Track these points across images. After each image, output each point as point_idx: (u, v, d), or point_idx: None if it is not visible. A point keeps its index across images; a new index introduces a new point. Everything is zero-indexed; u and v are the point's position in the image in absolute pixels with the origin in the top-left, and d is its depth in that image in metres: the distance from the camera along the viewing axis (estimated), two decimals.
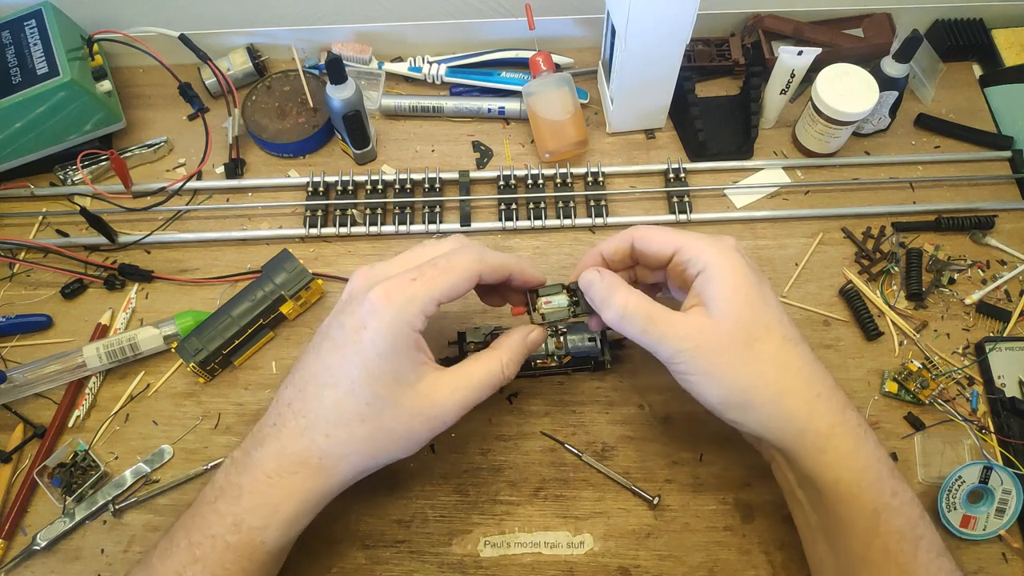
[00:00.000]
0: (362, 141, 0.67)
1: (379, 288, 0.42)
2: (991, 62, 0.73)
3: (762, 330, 0.43)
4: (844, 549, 0.43)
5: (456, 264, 0.44)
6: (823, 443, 0.43)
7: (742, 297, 0.43)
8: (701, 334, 0.43)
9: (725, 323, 0.43)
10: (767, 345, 0.43)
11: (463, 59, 0.73)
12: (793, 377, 0.43)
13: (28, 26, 0.65)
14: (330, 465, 0.43)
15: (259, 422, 0.45)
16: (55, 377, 0.57)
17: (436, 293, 0.43)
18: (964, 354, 0.60)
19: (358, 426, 0.42)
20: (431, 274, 0.43)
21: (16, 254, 0.64)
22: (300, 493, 0.43)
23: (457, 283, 0.44)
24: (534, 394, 0.58)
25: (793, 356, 0.44)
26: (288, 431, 0.43)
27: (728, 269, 0.44)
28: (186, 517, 0.44)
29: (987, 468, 0.52)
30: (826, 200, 0.67)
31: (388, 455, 0.44)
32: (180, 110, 0.72)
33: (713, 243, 0.45)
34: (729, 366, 0.43)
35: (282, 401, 0.44)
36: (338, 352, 0.42)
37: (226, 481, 0.43)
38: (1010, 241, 0.65)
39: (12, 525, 0.53)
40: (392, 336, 0.41)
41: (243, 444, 0.45)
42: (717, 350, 0.43)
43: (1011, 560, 0.53)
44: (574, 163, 0.69)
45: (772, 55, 0.70)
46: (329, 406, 0.42)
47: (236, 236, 0.65)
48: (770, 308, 0.44)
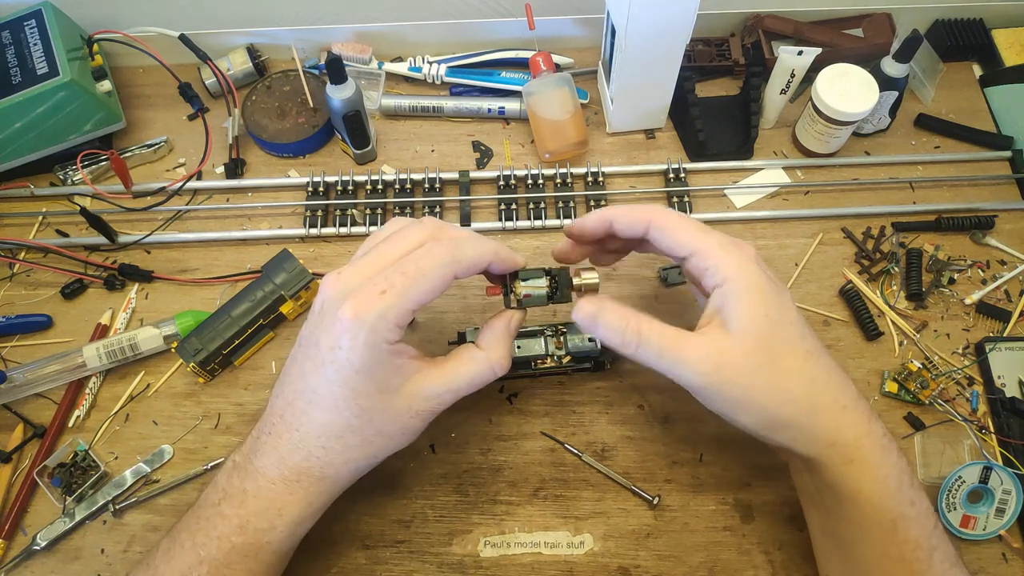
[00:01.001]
0: (362, 141, 0.67)
1: (348, 306, 0.40)
2: (991, 62, 0.73)
3: (785, 347, 0.42)
4: (859, 556, 0.43)
5: (426, 268, 0.41)
6: (851, 454, 0.42)
7: (763, 315, 0.42)
8: (721, 355, 0.41)
9: (747, 343, 0.41)
10: (792, 362, 0.42)
11: (463, 59, 0.73)
12: (821, 392, 0.42)
13: (28, 26, 0.65)
14: (331, 473, 0.43)
15: (257, 426, 0.45)
16: (55, 377, 0.57)
17: (408, 303, 0.41)
18: (964, 354, 0.60)
19: (351, 436, 0.42)
20: (400, 284, 0.41)
21: (16, 254, 0.64)
22: (305, 498, 0.43)
23: (429, 290, 0.42)
24: (534, 394, 0.58)
25: (819, 370, 0.43)
26: (284, 443, 0.43)
27: (749, 286, 0.42)
28: (189, 519, 0.44)
29: (987, 468, 0.52)
30: (826, 200, 0.67)
31: (387, 451, 0.44)
32: (180, 110, 0.72)
33: (733, 254, 0.43)
34: (756, 388, 0.42)
35: (275, 411, 0.44)
36: (318, 372, 0.41)
37: (229, 485, 0.43)
38: (1010, 241, 0.65)
39: (12, 525, 0.53)
40: (368, 352, 0.40)
41: (243, 448, 0.45)
42: (741, 373, 0.41)
43: (1011, 560, 0.53)
44: (574, 163, 0.69)
45: (772, 55, 0.70)
46: (319, 423, 0.42)
47: (236, 236, 0.65)
48: (792, 323, 0.43)
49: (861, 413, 0.43)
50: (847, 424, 0.42)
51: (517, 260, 0.46)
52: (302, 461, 0.42)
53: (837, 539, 0.45)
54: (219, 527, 0.42)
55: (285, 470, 0.43)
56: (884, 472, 0.42)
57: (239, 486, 0.43)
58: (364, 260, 0.43)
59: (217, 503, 0.43)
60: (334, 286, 0.42)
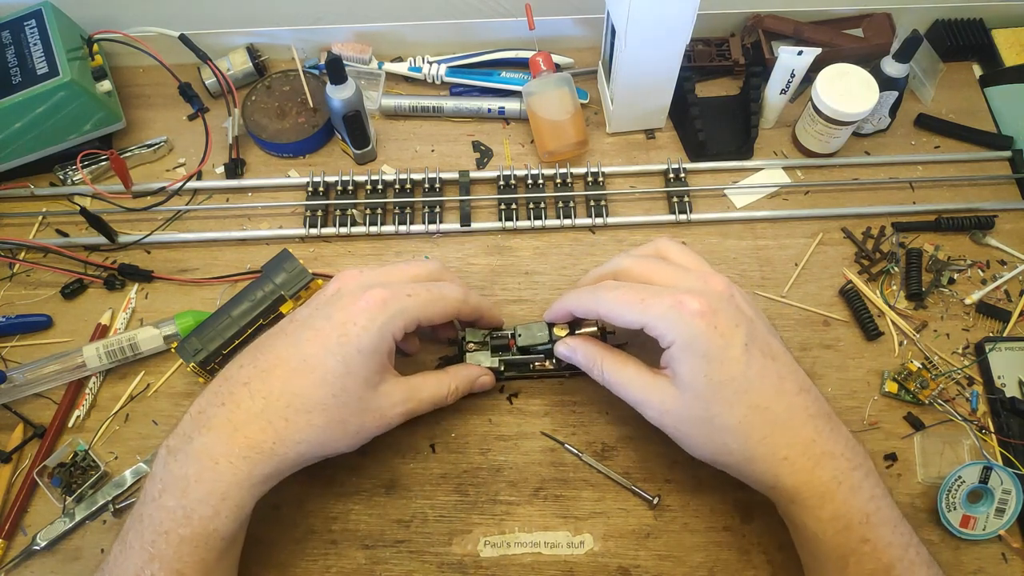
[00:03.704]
0: (362, 141, 0.67)
1: (377, 291, 0.45)
2: (991, 62, 0.73)
3: (722, 406, 0.44)
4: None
5: (446, 296, 0.49)
6: (791, 496, 0.45)
7: (702, 376, 0.44)
8: (670, 403, 0.46)
9: (687, 397, 0.45)
10: (727, 419, 0.44)
11: (463, 59, 0.73)
12: (756, 446, 0.45)
13: (28, 26, 0.65)
14: (281, 451, 0.43)
15: (197, 403, 0.45)
16: (55, 377, 0.57)
17: (423, 315, 0.47)
18: (964, 354, 0.60)
19: (318, 414, 0.43)
20: (424, 297, 0.47)
21: (16, 254, 0.64)
22: (248, 479, 0.43)
23: (441, 312, 0.48)
24: (534, 394, 0.58)
25: (757, 424, 0.44)
26: (242, 412, 0.43)
27: (693, 348, 0.43)
28: (133, 518, 0.43)
29: (987, 468, 0.52)
30: (826, 200, 0.67)
31: (335, 447, 0.46)
32: (180, 110, 0.72)
33: (677, 319, 0.43)
34: (694, 437, 0.46)
35: (236, 381, 0.44)
36: (320, 341, 0.44)
37: (167, 473, 0.43)
38: (1010, 241, 0.65)
39: (12, 525, 0.53)
40: (378, 338, 0.44)
41: (178, 429, 0.44)
42: (684, 421, 0.46)
43: (1011, 560, 0.53)
44: (574, 163, 0.69)
45: (772, 55, 0.70)
46: (295, 391, 0.43)
47: (236, 236, 0.65)
48: (733, 380, 0.44)
49: (805, 462, 0.44)
50: (785, 473, 0.44)
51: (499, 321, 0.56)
52: (257, 432, 0.43)
53: (803, 561, 0.48)
54: (164, 521, 0.42)
55: (235, 444, 0.42)
56: (827, 514, 0.44)
57: (179, 472, 0.42)
58: (383, 269, 0.50)
59: (158, 496, 0.43)
60: (356, 278, 0.48)
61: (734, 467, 0.46)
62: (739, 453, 0.45)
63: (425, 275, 0.50)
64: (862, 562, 0.43)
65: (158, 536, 0.42)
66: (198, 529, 0.42)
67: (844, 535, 0.43)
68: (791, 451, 0.44)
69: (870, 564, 0.43)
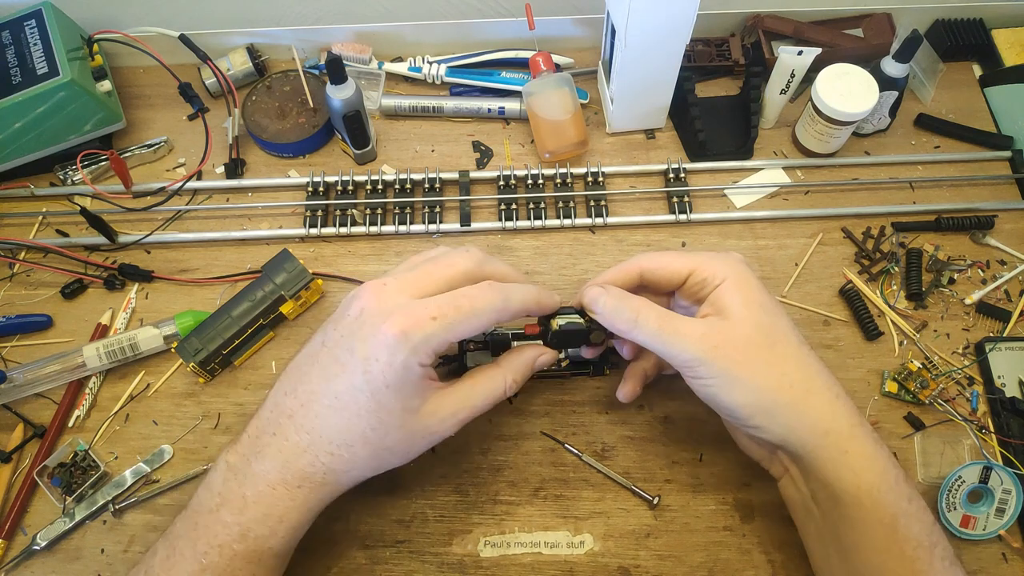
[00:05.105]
0: (362, 141, 0.67)
1: (396, 321, 0.41)
2: (991, 62, 0.73)
3: (780, 334, 0.45)
4: (860, 559, 0.43)
5: (479, 309, 0.43)
6: (846, 444, 0.43)
7: (758, 304, 0.45)
8: (720, 334, 0.43)
9: (746, 326, 0.44)
10: (787, 347, 0.44)
11: (463, 59, 0.73)
12: (815, 377, 0.44)
13: (28, 26, 0.65)
14: (333, 480, 0.43)
15: (255, 424, 0.44)
16: (55, 377, 0.57)
17: (452, 336, 0.42)
18: (964, 354, 0.60)
19: (361, 447, 0.42)
20: (452, 317, 0.41)
21: (16, 254, 0.64)
22: (305, 503, 0.43)
23: (475, 328, 0.43)
24: (534, 394, 0.58)
25: (811, 359, 0.45)
26: (290, 445, 0.43)
27: (744, 281, 0.46)
28: (186, 525, 0.43)
29: (987, 468, 0.52)
30: (826, 200, 0.67)
31: (389, 466, 0.45)
32: (180, 110, 0.72)
33: (725, 259, 0.47)
34: (752, 367, 0.43)
35: (282, 411, 0.43)
36: (346, 377, 0.41)
37: (227, 489, 0.43)
38: (1010, 241, 0.65)
39: (12, 525, 0.53)
40: (403, 371, 0.41)
41: (239, 447, 0.44)
42: (740, 350, 0.43)
43: (1011, 560, 0.53)
44: (574, 163, 0.69)
45: (772, 55, 0.70)
46: (334, 428, 0.42)
47: (236, 236, 0.65)
48: (782, 316, 0.46)
49: (852, 407, 0.45)
50: (841, 413, 0.43)
51: (556, 301, 0.49)
52: (307, 466, 0.42)
53: (837, 544, 0.44)
54: (220, 535, 0.42)
55: (288, 475, 0.42)
56: (880, 464, 0.43)
57: (237, 491, 0.43)
58: (411, 275, 0.44)
59: (215, 509, 0.43)
60: (378, 296, 0.43)
61: (791, 406, 0.43)
62: (800, 384, 0.43)
63: (461, 276, 0.44)
64: (910, 524, 0.42)
65: (211, 548, 0.42)
66: (253, 547, 0.42)
67: (895, 491, 0.42)
68: (840, 391, 0.45)
69: (916, 526, 0.42)
